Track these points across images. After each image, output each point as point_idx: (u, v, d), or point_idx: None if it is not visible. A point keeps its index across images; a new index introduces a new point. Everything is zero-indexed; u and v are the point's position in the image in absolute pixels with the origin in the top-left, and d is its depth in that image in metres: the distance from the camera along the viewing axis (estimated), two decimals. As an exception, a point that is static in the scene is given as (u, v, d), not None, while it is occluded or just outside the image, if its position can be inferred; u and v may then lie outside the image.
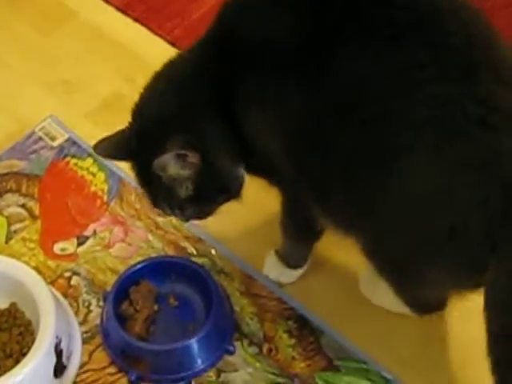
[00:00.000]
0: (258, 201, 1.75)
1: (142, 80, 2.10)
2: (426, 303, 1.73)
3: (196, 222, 1.81)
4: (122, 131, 1.67)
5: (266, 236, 1.82)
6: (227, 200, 1.69)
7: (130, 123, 1.66)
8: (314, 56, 1.48)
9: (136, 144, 1.63)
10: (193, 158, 1.57)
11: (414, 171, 1.43)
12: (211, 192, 1.66)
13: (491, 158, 1.40)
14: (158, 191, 1.64)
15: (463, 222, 1.42)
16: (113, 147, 1.68)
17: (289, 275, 1.86)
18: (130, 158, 1.67)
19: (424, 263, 1.52)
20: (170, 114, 1.62)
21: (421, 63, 1.42)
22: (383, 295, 1.79)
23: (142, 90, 1.68)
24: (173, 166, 1.56)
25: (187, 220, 1.73)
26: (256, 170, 1.69)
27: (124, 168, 1.96)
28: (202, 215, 1.72)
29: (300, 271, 1.85)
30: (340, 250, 1.85)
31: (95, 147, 1.68)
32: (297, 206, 1.73)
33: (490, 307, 1.43)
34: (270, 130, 1.56)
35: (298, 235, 1.82)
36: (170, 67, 1.68)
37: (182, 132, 1.57)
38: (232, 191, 1.68)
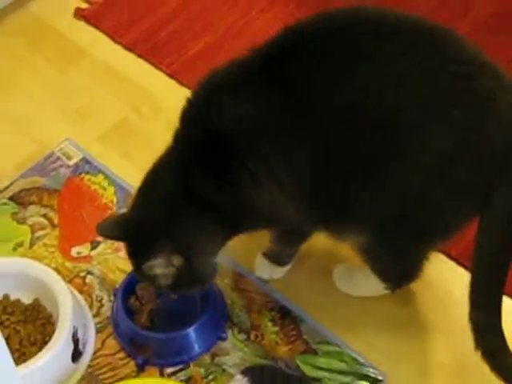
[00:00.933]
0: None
1: (145, 108, 2.13)
2: (406, 273, 1.74)
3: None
4: (121, 216, 1.69)
5: (251, 238, 1.77)
6: (200, 289, 1.71)
7: (129, 212, 1.66)
8: (299, 107, 1.47)
9: (131, 234, 1.61)
10: (176, 260, 1.56)
11: (427, 138, 1.45)
12: (187, 284, 1.66)
13: (486, 102, 1.46)
14: (142, 273, 1.62)
15: (477, 161, 1.47)
16: (112, 230, 1.66)
17: (280, 271, 1.86)
18: (124, 241, 1.66)
19: (448, 212, 1.55)
20: (157, 217, 1.58)
21: (397, 53, 1.45)
22: (359, 285, 1.83)
23: (140, 185, 1.64)
24: (158, 267, 1.56)
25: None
26: (256, 226, 1.69)
27: (130, 183, 1.98)
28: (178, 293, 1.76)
29: (288, 267, 1.86)
30: (317, 251, 1.88)
31: (98, 226, 1.65)
32: (289, 234, 1.77)
33: (486, 229, 1.53)
34: (286, 186, 1.52)
35: (287, 246, 1.84)
36: (156, 170, 1.62)
37: (168, 236, 1.56)
38: (205, 284, 1.69)
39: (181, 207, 1.57)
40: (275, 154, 1.49)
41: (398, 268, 1.74)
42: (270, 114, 1.49)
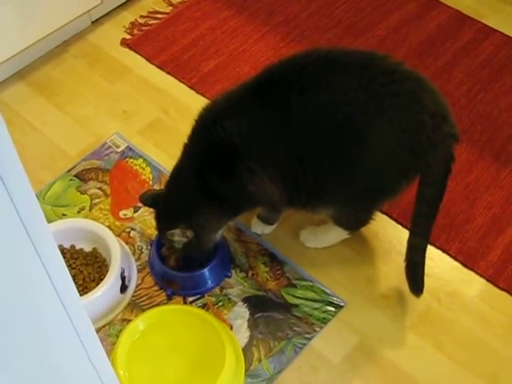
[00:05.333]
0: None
1: (172, 110, 2.13)
2: (363, 221, 1.73)
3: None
4: (157, 194, 1.68)
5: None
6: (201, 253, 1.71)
7: (162, 192, 1.67)
8: (282, 122, 1.49)
9: (161, 209, 1.65)
10: (189, 233, 1.59)
11: (376, 132, 1.47)
12: (192, 250, 1.67)
13: (412, 98, 1.48)
14: (164, 236, 1.65)
15: (417, 141, 1.49)
16: (149, 200, 1.68)
17: (269, 228, 1.85)
18: (156, 210, 1.69)
19: (396, 182, 1.57)
20: (180, 201, 1.61)
21: (343, 77, 1.47)
22: (322, 239, 1.82)
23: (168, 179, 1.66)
24: (176, 235, 1.60)
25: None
26: (251, 208, 1.70)
27: (161, 164, 1.99)
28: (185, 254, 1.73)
29: (275, 225, 1.84)
30: (294, 214, 1.85)
31: (141, 196, 1.70)
32: (275, 207, 1.74)
33: (426, 183, 1.55)
34: (274, 179, 1.54)
35: (274, 213, 1.82)
36: (177, 170, 1.63)
37: (186, 216, 1.59)
38: (205, 251, 1.70)
39: (196, 196, 1.58)
40: (267, 157, 1.52)
41: (357, 221, 1.75)
42: (262, 128, 1.51)
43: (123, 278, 1.72)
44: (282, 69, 1.53)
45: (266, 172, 1.53)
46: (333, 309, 1.72)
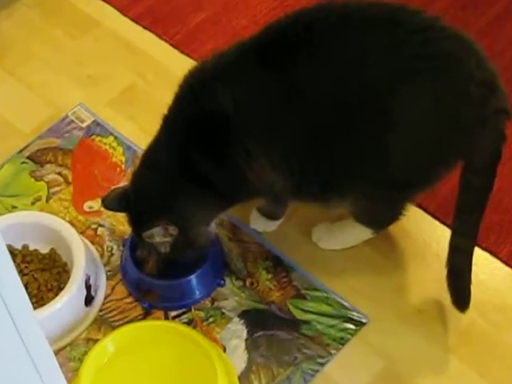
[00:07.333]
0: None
1: (150, 75, 2.14)
2: (390, 216, 1.74)
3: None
4: (123, 192, 1.66)
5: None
6: (196, 253, 1.71)
7: (129, 187, 1.66)
8: (289, 92, 1.49)
9: (132, 208, 1.64)
10: (173, 230, 1.58)
11: (405, 105, 1.47)
12: (184, 251, 1.67)
13: (451, 62, 1.49)
14: (143, 241, 1.64)
15: (456, 116, 1.50)
16: (115, 203, 1.67)
17: (272, 225, 1.85)
18: (127, 213, 1.68)
19: (436, 164, 1.58)
20: (155, 191, 1.61)
21: (365, 36, 1.49)
22: (340, 239, 1.81)
23: (136, 169, 1.68)
24: (157, 236, 1.59)
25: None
26: (248, 198, 1.70)
27: (136, 143, 1.99)
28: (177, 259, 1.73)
29: (280, 221, 1.84)
30: (302, 208, 1.86)
31: (103, 200, 1.69)
32: (278, 199, 1.76)
33: (471, 169, 1.55)
34: (278, 163, 1.54)
35: (278, 205, 1.83)
36: (152, 151, 1.64)
37: (165, 208, 1.58)
38: (200, 249, 1.70)
39: (178, 182, 1.59)
40: (268, 134, 1.52)
41: (384, 216, 1.76)
42: (263, 98, 1.51)
43: (88, 287, 1.72)
44: (289, 25, 1.54)
45: (266, 154, 1.53)
46: (352, 326, 1.72)
